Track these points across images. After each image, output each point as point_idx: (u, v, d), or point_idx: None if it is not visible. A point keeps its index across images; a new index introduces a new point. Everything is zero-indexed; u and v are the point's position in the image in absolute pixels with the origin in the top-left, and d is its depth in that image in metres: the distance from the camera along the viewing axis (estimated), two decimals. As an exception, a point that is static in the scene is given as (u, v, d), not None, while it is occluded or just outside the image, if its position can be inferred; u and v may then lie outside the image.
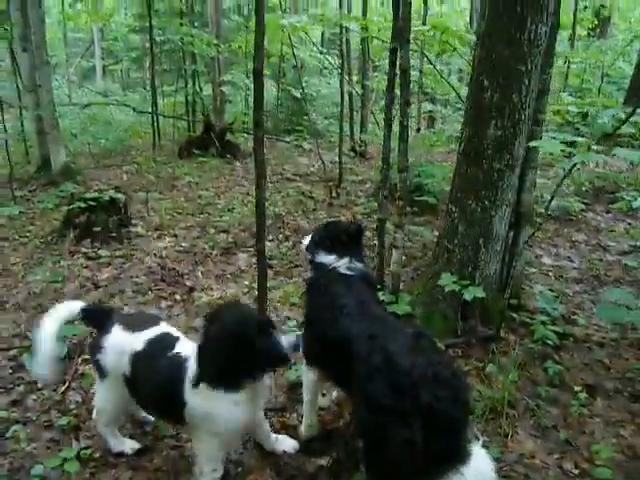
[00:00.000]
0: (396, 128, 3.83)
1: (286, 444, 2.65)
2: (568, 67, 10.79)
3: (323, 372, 2.57)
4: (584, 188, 6.64)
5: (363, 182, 7.36)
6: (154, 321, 2.57)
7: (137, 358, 2.36)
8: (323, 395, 3.04)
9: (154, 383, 2.26)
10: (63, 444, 2.67)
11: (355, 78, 11.03)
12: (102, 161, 9.53)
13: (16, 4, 7.50)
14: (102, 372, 2.47)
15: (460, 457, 1.85)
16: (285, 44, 12.25)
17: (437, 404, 1.81)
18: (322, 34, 18.71)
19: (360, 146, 9.14)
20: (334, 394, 3.00)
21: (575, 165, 2.88)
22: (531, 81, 3.20)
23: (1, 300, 4.20)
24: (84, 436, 2.74)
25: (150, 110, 9.88)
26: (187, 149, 9.27)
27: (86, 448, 2.62)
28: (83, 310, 2.57)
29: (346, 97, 8.57)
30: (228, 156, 8.97)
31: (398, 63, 3.54)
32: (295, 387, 3.06)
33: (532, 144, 2.85)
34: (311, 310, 2.64)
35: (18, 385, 3.16)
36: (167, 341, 2.41)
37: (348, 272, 2.59)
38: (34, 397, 3.06)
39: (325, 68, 16.93)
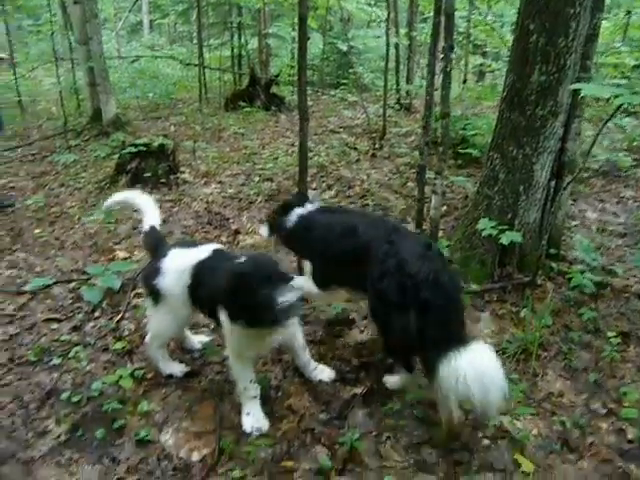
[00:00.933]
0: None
1: (324, 373, 2.82)
2: (629, 18, 10.26)
3: (339, 285, 2.90)
4: (635, 143, 6.44)
5: (407, 135, 7.33)
6: (203, 243, 2.84)
7: (201, 266, 2.56)
8: (361, 332, 3.18)
9: (217, 283, 2.37)
10: (118, 366, 2.91)
11: (403, 31, 10.83)
12: (150, 114, 9.76)
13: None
14: (158, 296, 2.66)
15: (454, 344, 2.22)
16: (332, -5, 12.09)
17: (433, 301, 2.30)
18: (370, -15, 18.26)
19: (405, 99, 9.04)
20: (370, 332, 3.14)
21: (620, 107, 2.82)
22: (579, 25, 3.13)
23: (61, 239, 4.48)
24: (137, 359, 2.97)
25: (197, 63, 10.03)
26: (233, 101, 9.37)
27: (139, 369, 2.85)
28: (152, 227, 2.90)
29: (392, 50, 8.48)
30: (273, 108, 9.04)
31: (443, 7, 3.52)
32: (332, 323, 3.21)
33: (575, 86, 2.80)
34: (314, 245, 2.87)
35: (78, 313, 3.42)
36: (224, 252, 2.70)
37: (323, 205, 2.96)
38: (92, 324, 3.32)
39: (372, 21, 16.60)
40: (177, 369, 2.85)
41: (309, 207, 2.97)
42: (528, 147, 3.35)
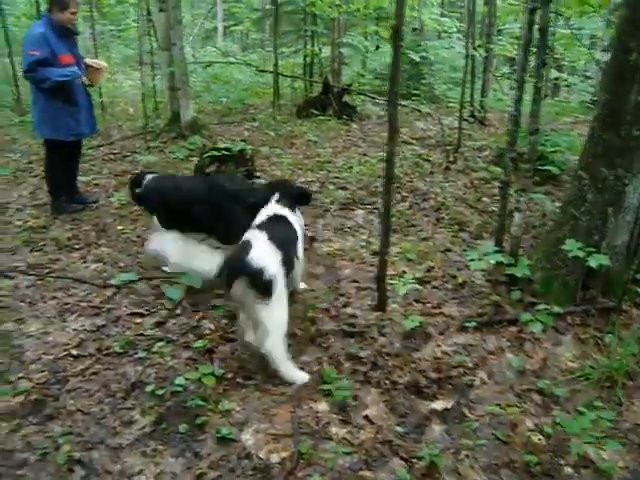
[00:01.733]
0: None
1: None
2: None
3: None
4: None
5: (482, 149, 7.23)
6: None
7: None
8: (438, 346, 3.16)
9: None
10: (199, 363, 3.00)
11: (477, 42, 10.69)
12: (223, 118, 10.02)
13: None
14: (272, 287, 2.72)
15: None
16: (408, 6, 12.07)
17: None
18: (443, -4, 18.11)
19: (479, 112, 8.92)
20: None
21: None
22: (685, 42, 3.02)
23: (142, 237, 4.67)
24: (216, 358, 3.05)
25: (272, 70, 10.24)
26: (305, 109, 9.50)
27: (219, 368, 2.93)
28: None
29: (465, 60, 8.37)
30: (345, 117, 9.10)
31: (537, 23, 3.46)
32: (409, 336, 3.21)
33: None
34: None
35: (160, 310, 3.55)
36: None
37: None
38: (173, 321, 3.43)
39: (445, 31, 16.46)
40: (300, 377, 2.86)
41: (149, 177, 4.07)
42: (621, 168, 3.24)
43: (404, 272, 3.84)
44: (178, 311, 3.53)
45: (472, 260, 3.48)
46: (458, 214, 4.98)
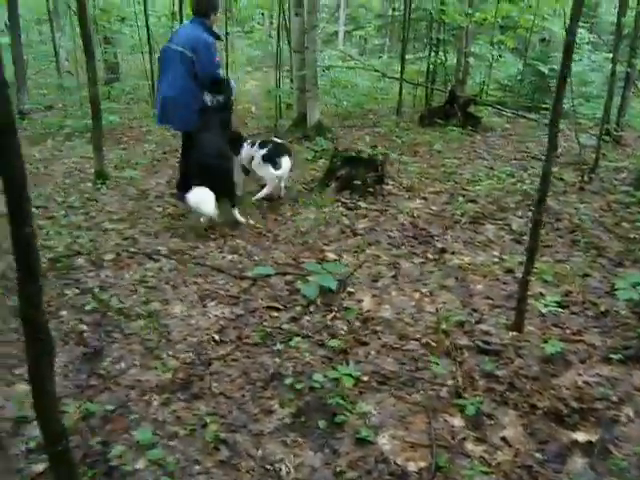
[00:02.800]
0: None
1: None
2: None
3: None
4: None
5: (619, 170, 6.82)
6: None
7: None
8: (579, 375, 3.03)
9: None
10: (335, 362, 3.07)
11: (606, 55, 10.08)
12: (344, 121, 10.17)
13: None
14: None
15: None
16: (538, 15, 11.64)
17: None
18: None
19: (616, 130, 8.41)
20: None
21: None
22: None
23: (274, 233, 4.86)
24: (352, 360, 3.11)
25: (397, 77, 10.26)
26: (428, 117, 9.43)
27: (356, 370, 2.98)
28: None
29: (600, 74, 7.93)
30: (469, 128, 8.93)
31: None
32: (547, 361, 3.10)
33: None
34: None
35: (295, 306, 3.68)
36: None
37: None
38: (307, 318, 3.54)
39: (575, 43, 15.67)
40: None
41: None
42: None
43: (541, 294, 3.71)
44: (311, 309, 3.64)
45: (619, 289, 3.31)
46: (595, 238, 4.74)
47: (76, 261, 4.33)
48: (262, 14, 16.62)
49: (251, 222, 5.10)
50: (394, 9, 24.03)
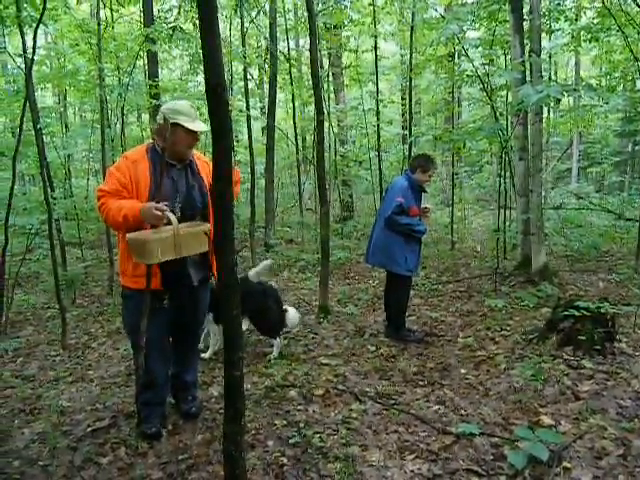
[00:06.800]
0: None
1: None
2: None
3: None
4: None
5: None
6: None
7: None
8: None
9: None
10: None
11: None
12: (575, 265, 9.51)
13: (520, 121, 8.37)
14: None
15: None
16: None
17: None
18: None
19: None
20: None
21: None
22: None
23: (485, 386, 4.58)
24: None
25: (637, 218, 9.39)
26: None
27: None
28: None
29: None
30: None
31: None
32: None
33: None
34: None
35: (498, 474, 3.34)
36: None
37: None
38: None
39: None
40: None
41: None
42: None
43: None
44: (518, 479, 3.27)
45: None
46: None
47: (289, 392, 4.60)
48: (491, 155, 16.97)
49: (462, 371, 4.92)
50: (636, 143, 22.67)
